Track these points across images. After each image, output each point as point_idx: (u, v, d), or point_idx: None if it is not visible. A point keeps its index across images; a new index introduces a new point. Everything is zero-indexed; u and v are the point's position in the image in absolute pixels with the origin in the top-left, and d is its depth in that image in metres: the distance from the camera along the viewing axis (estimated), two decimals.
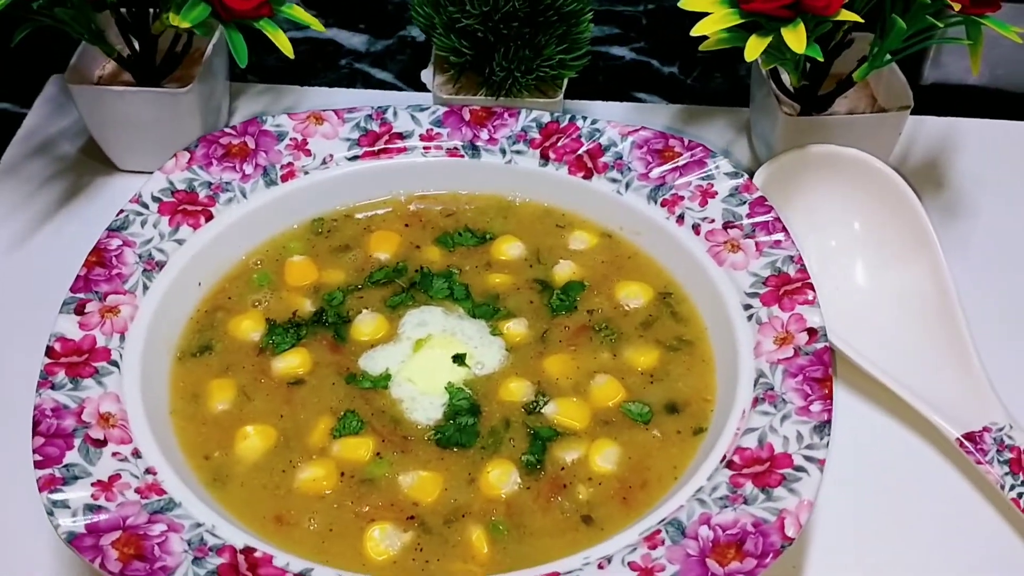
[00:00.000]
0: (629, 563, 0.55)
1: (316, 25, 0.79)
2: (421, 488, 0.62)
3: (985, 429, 0.70)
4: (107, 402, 0.61)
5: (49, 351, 0.63)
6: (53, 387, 0.61)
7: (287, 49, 0.75)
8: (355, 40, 1.08)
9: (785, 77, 0.84)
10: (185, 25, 0.72)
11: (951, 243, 0.85)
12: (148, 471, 0.59)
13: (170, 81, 0.86)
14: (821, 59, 0.72)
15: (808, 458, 0.58)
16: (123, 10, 0.83)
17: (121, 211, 0.71)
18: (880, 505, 0.69)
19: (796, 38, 0.69)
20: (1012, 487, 0.67)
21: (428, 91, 0.85)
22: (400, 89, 1.02)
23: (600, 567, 0.55)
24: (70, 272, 0.75)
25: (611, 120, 0.78)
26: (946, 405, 0.71)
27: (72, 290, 0.66)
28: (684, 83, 1.04)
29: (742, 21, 0.71)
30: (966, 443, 0.70)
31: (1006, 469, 0.68)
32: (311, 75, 1.03)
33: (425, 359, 0.68)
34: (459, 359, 0.68)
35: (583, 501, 0.61)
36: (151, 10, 0.83)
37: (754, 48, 0.70)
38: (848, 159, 0.80)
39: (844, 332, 0.74)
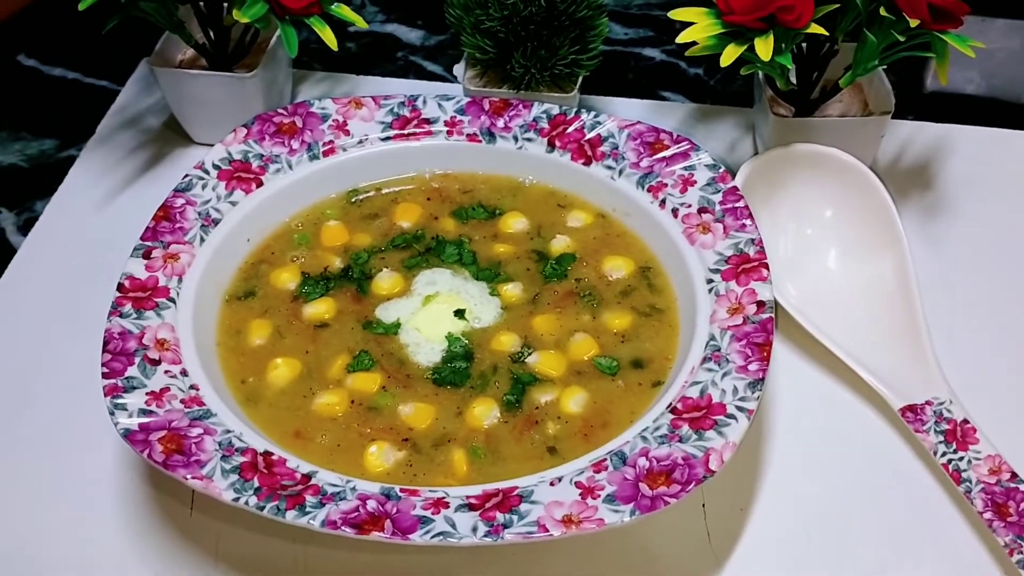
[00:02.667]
0: (575, 483, 0.65)
1: (359, 22, 0.91)
2: (416, 417, 0.73)
3: (927, 403, 0.79)
4: (163, 331, 0.75)
5: (120, 287, 0.76)
6: (121, 316, 0.75)
7: (332, 43, 0.88)
8: (412, 35, 1.20)
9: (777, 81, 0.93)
10: (245, 20, 0.85)
11: (927, 238, 0.93)
12: (192, 387, 0.72)
13: (239, 67, 0.99)
14: (791, 66, 0.81)
15: (739, 408, 0.68)
16: (201, 4, 0.96)
17: (186, 175, 0.85)
18: (827, 461, 0.78)
19: (765, 47, 0.78)
20: (944, 454, 0.76)
21: (459, 83, 0.97)
22: (449, 81, 1.13)
23: (552, 484, 0.66)
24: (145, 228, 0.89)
25: (612, 115, 0.88)
26: (894, 379, 0.80)
27: (142, 239, 0.80)
28: (707, 84, 1.13)
29: (724, 31, 0.81)
30: (908, 413, 0.78)
31: (941, 438, 0.76)
32: (371, 65, 1.15)
33: (431, 312, 0.79)
34: (460, 313, 0.79)
35: (550, 435, 0.72)
36: (224, 4, 0.96)
37: (729, 55, 0.79)
38: (827, 157, 0.89)
39: (810, 309, 0.83)
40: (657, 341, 0.77)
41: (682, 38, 0.81)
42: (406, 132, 0.89)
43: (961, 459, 0.76)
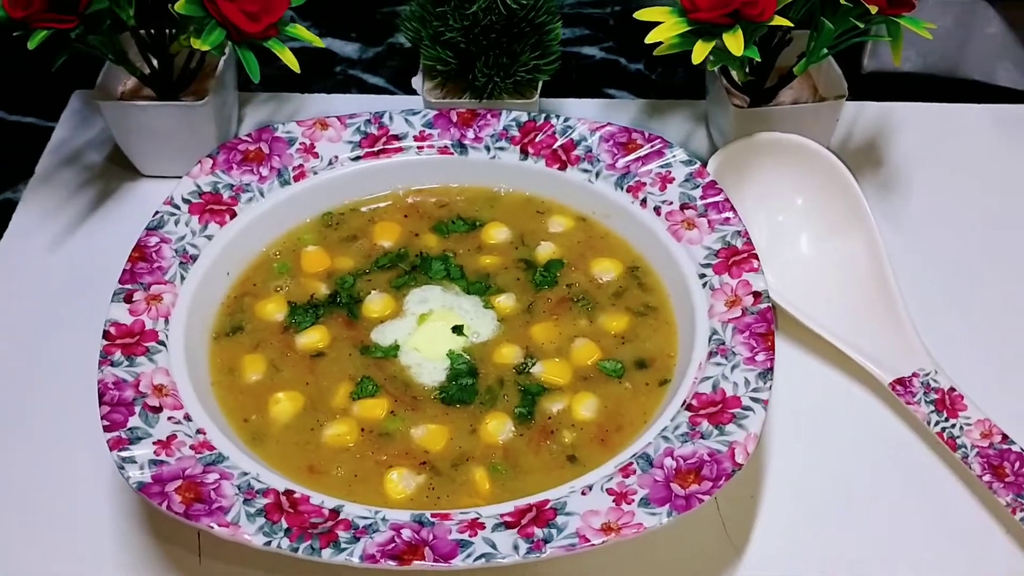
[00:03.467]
0: (607, 489, 0.66)
1: (316, 41, 0.89)
2: (430, 439, 0.73)
3: (914, 374, 0.81)
4: (159, 376, 0.72)
5: (106, 334, 0.73)
6: (112, 364, 0.72)
7: (294, 65, 0.86)
8: (348, 48, 1.18)
9: (734, 73, 0.95)
10: (205, 48, 0.82)
11: (887, 215, 0.96)
12: (199, 431, 0.69)
13: (187, 94, 0.96)
14: (759, 60, 0.83)
15: (754, 399, 0.69)
16: (143, 32, 0.93)
17: (156, 212, 0.82)
18: (826, 442, 0.80)
19: (735, 42, 0.80)
20: (937, 423, 0.79)
21: (418, 95, 0.96)
22: (392, 93, 1.12)
23: (583, 494, 0.66)
24: (106, 267, 0.86)
25: (581, 117, 0.89)
26: (880, 355, 0.83)
27: (120, 282, 0.77)
28: (649, 79, 1.15)
29: (690, 28, 0.82)
30: (897, 387, 0.81)
31: (932, 408, 0.79)
32: (310, 82, 1.13)
33: (428, 331, 0.78)
34: (458, 330, 0.78)
35: (568, 444, 0.72)
36: (167, 32, 0.93)
37: (700, 52, 0.81)
38: (791, 144, 0.91)
39: (791, 295, 0.85)
40: (656, 339, 0.78)
41: (650, 38, 0.82)
42: (376, 150, 0.88)
43: (953, 426, 0.78)
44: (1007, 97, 1.08)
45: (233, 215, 0.83)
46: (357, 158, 0.87)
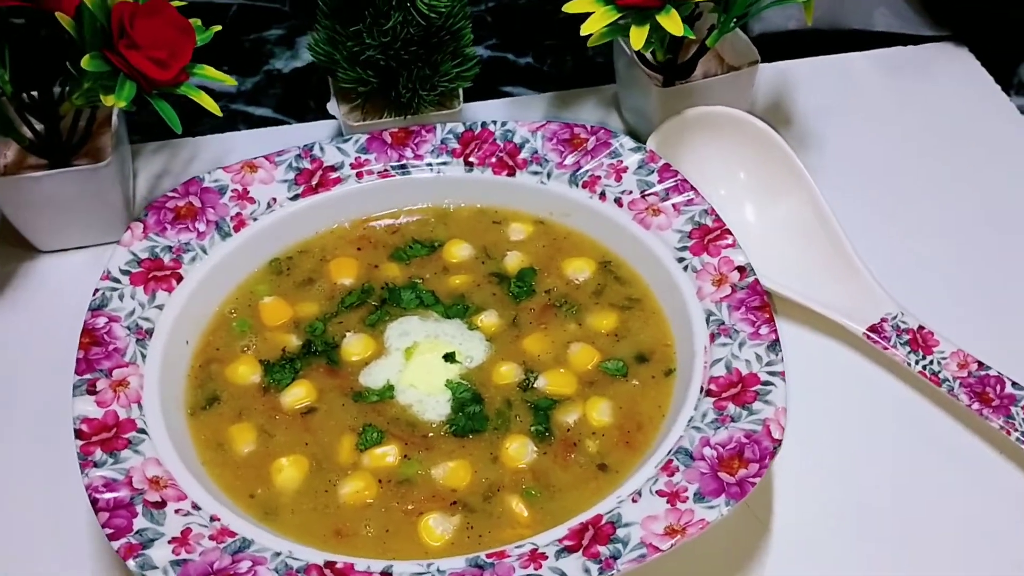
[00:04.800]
0: (657, 492, 0.64)
1: (229, 81, 0.83)
2: (454, 476, 0.69)
3: (883, 320, 0.83)
4: (150, 467, 0.66)
5: (78, 433, 0.66)
6: (96, 465, 0.65)
7: (214, 108, 0.80)
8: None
9: (649, 54, 0.95)
10: (121, 104, 0.75)
11: (812, 170, 0.98)
12: (213, 519, 0.64)
13: (80, 157, 0.88)
14: (693, 37, 0.83)
15: (771, 372, 0.69)
16: (26, 96, 0.85)
17: (97, 289, 0.74)
18: (815, 400, 0.81)
19: (672, 23, 0.79)
20: (917, 362, 0.81)
21: (330, 119, 0.91)
22: (285, 122, 1.07)
23: (634, 501, 0.64)
24: (16, 361, 0.79)
25: (518, 120, 0.86)
26: (847, 308, 0.84)
27: (77, 372, 0.69)
28: (541, 71, 1.14)
29: (619, 16, 0.81)
30: (871, 335, 0.83)
31: (908, 349, 0.82)
32: (192, 123, 1.06)
33: (419, 364, 0.75)
34: (449, 357, 0.75)
35: (594, 453, 0.70)
36: (60, 91, 0.85)
37: (638, 37, 0.80)
38: (720, 116, 0.92)
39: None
40: (649, 331, 0.77)
41: (584, 30, 0.81)
42: (314, 184, 0.83)
43: (931, 362, 0.81)
44: (887, 41, 1.13)
45: (179, 279, 0.76)
46: (296, 196, 0.82)
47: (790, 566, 0.70)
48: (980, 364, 0.81)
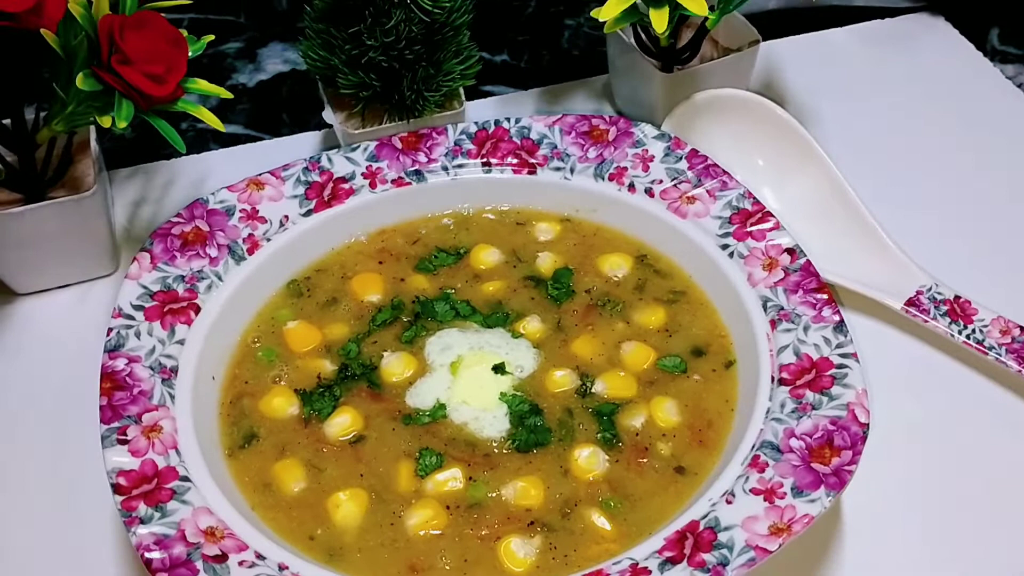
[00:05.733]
0: (751, 490, 0.61)
1: (224, 94, 0.77)
2: (526, 494, 0.65)
3: (918, 292, 0.82)
4: (202, 517, 0.60)
5: (117, 488, 0.60)
6: (142, 521, 0.59)
7: (216, 123, 0.74)
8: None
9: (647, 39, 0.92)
10: (121, 126, 0.69)
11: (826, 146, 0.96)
12: (281, 567, 0.58)
13: (56, 189, 0.81)
14: (714, 17, 0.80)
15: (843, 355, 0.67)
16: None
17: (111, 329, 0.68)
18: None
19: (695, 2, 0.76)
20: (960, 332, 0.80)
21: (313, 131, 0.86)
22: (258, 138, 1.01)
23: (728, 503, 0.61)
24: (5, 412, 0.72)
25: (531, 115, 0.82)
26: (880, 284, 0.82)
27: (104, 421, 0.63)
28: (519, 67, 1.10)
29: (634, 1, 0.78)
30: (910, 309, 0.81)
31: (948, 320, 0.80)
32: (160, 146, 0.99)
33: (468, 379, 0.70)
34: (499, 369, 0.71)
35: (668, 455, 0.67)
36: (37, 117, 0.78)
37: (660, 20, 0.77)
38: (728, 99, 0.89)
39: None
40: (700, 323, 0.74)
41: (601, 16, 0.77)
42: (326, 198, 0.77)
43: (974, 331, 0.80)
44: (864, 15, 1.12)
45: (197, 310, 0.70)
46: (308, 212, 0.77)
47: (864, 547, 0.68)
48: (1022, 329, 0.79)
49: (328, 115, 0.85)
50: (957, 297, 0.81)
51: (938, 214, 0.91)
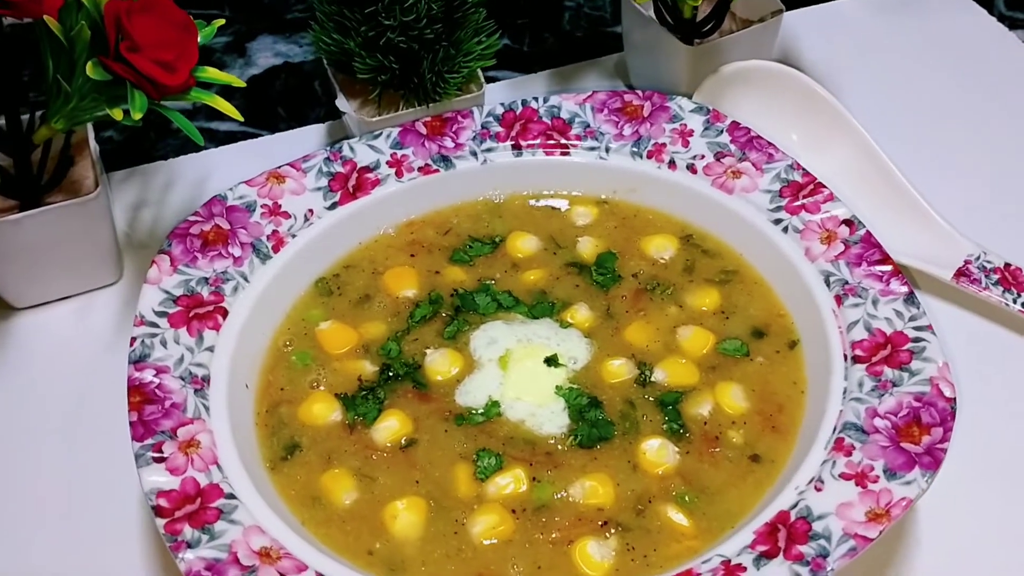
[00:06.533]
0: (840, 475, 0.57)
1: (237, 82, 0.72)
2: (595, 493, 0.60)
3: (967, 262, 0.79)
4: (254, 537, 0.55)
5: (158, 510, 0.55)
6: (190, 546, 0.54)
7: (234, 113, 0.69)
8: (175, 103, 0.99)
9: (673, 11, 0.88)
10: (135, 118, 0.63)
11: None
12: None
13: (53, 194, 0.76)
14: None
15: (918, 328, 0.63)
16: None
17: (133, 339, 0.63)
18: None
19: None
20: (1014, 300, 0.77)
21: (316, 124, 0.81)
22: (255, 135, 0.96)
23: (817, 489, 0.57)
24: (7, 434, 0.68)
25: (560, 92, 0.78)
26: (928, 255, 0.79)
27: (136, 438, 0.58)
28: (521, 51, 1.06)
29: None
30: (961, 279, 0.78)
31: (1000, 289, 0.77)
32: (152, 149, 0.94)
33: (520, 374, 0.66)
34: (551, 361, 0.66)
35: (740, 443, 0.63)
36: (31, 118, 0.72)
37: None
38: (756, 71, 0.86)
39: None
40: (756, 302, 0.70)
41: None
42: (351, 189, 0.73)
43: None
44: None
45: (224, 313, 0.65)
46: (333, 205, 0.72)
47: (939, 528, 0.65)
48: None
49: (342, 103, 0.81)
50: (1007, 265, 0.78)
51: (971, 180, 0.88)
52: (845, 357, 0.63)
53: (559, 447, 0.63)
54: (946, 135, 0.92)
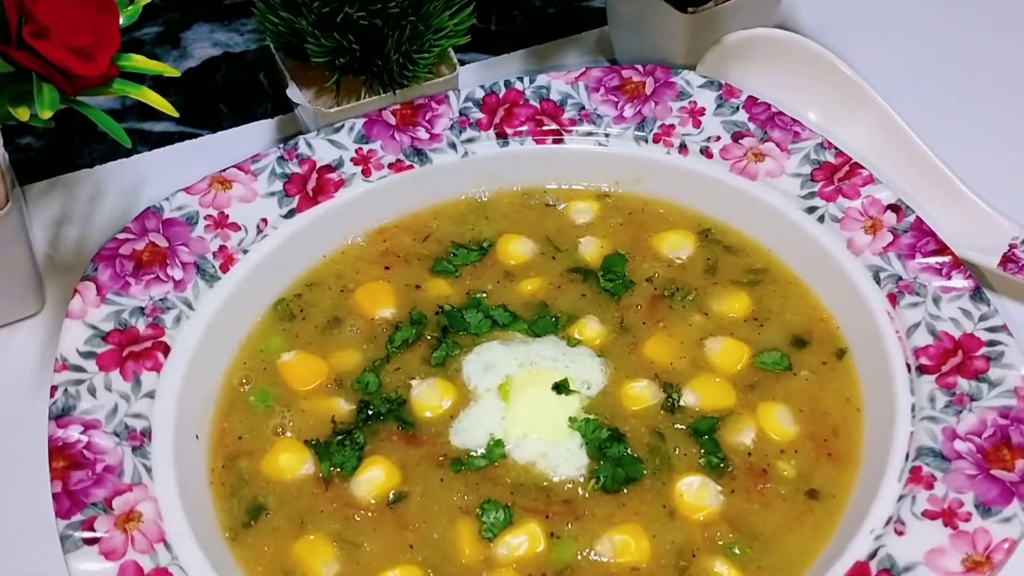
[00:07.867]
0: (923, 513, 0.48)
1: (169, 71, 0.61)
2: (626, 549, 0.51)
3: (1011, 246, 0.70)
4: None
5: None
6: None
7: (167, 108, 0.58)
8: (98, 100, 0.87)
9: None
10: (45, 116, 0.52)
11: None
12: None
13: None
14: None
15: (990, 328, 0.54)
16: None
17: (54, 388, 0.51)
18: None
19: None
20: None
21: (263, 119, 0.70)
22: (194, 135, 0.84)
23: (899, 533, 0.47)
24: None
25: (548, 71, 0.68)
26: (969, 241, 0.70)
27: (60, 515, 0.47)
28: (489, 30, 0.96)
29: None
30: (1009, 265, 0.69)
31: None
32: (75, 155, 0.82)
33: (525, 405, 0.55)
34: (561, 388, 0.56)
35: (793, 477, 0.53)
36: None
37: None
38: (762, 40, 0.77)
39: None
40: (792, 305, 0.61)
41: None
42: (310, 192, 0.61)
43: None
44: None
45: (166, 350, 0.54)
46: (291, 213, 0.61)
47: None
48: None
49: (294, 93, 0.69)
50: None
51: (1009, 151, 0.79)
52: (908, 367, 0.54)
53: (579, 493, 0.53)
54: (975, 100, 0.83)
